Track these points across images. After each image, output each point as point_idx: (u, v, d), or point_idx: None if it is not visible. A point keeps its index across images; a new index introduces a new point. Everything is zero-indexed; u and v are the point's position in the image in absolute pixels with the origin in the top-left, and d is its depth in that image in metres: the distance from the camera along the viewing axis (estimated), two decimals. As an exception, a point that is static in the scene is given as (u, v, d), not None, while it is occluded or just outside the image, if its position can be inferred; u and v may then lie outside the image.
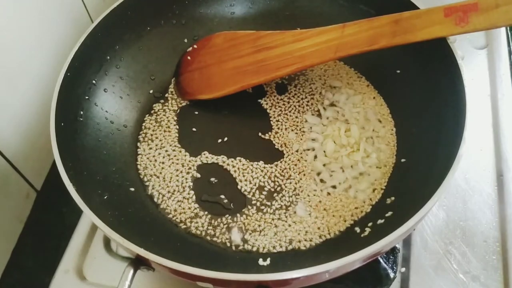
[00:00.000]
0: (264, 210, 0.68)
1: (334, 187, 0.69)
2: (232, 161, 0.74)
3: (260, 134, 0.77)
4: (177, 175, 0.73)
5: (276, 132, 0.77)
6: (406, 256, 0.68)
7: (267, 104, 0.80)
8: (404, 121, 0.74)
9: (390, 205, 0.64)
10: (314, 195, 0.69)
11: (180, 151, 0.75)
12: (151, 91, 0.82)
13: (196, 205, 0.70)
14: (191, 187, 0.72)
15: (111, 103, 0.76)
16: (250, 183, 0.71)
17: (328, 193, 0.69)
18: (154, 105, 0.81)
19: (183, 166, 0.74)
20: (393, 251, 0.66)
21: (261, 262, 0.62)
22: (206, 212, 0.69)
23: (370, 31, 0.66)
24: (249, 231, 0.66)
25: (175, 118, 0.80)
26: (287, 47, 0.72)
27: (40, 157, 0.79)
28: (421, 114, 0.71)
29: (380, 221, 0.62)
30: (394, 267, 0.66)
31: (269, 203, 0.69)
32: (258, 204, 0.69)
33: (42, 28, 0.76)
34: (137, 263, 0.55)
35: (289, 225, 0.66)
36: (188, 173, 0.73)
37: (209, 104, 0.80)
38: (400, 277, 0.67)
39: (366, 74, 0.81)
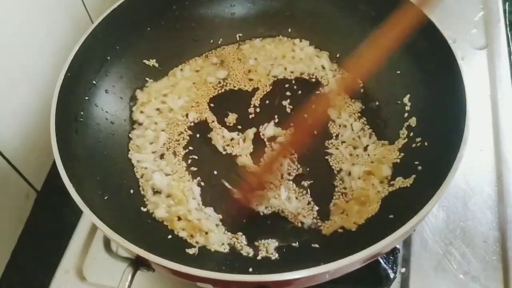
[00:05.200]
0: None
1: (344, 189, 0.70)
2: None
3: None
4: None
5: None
6: (406, 256, 0.68)
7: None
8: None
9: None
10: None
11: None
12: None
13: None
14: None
15: (112, 104, 0.76)
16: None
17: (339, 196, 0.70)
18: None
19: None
20: (393, 251, 0.66)
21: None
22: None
23: None
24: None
25: (175, 118, 0.80)
26: None
27: (40, 157, 0.79)
28: (421, 114, 0.71)
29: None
30: (394, 268, 0.65)
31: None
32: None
33: (42, 28, 0.76)
34: (137, 263, 0.55)
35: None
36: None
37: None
38: (400, 278, 0.67)
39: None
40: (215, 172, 0.73)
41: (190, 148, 0.76)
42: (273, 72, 0.84)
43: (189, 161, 0.74)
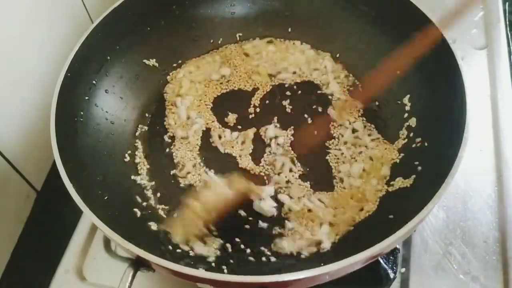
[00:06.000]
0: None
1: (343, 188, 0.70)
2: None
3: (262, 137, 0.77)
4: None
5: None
6: (406, 256, 0.68)
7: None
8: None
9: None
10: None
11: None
12: (152, 92, 0.82)
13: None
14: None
15: (112, 104, 0.75)
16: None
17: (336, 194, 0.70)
18: (155, 106, 0.81)
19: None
20: (393, 251, 0.66)
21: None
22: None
23: None
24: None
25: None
26: None
27: (40, 157, 0.79)
28: (421, 114, 0.71)
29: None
30: (394, 268, 0.65)
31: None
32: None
33: (42, 28, 0.76)
34: (137, 264, 0.55)
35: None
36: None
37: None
38: (400, 278, 0.67)
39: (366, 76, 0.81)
40: (215, 172, 0.73)
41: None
42: (275, 73, 0.84)
43: (189, 161, 0.74)
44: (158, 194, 0.71)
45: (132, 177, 0.72)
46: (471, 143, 0.57)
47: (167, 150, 0.76)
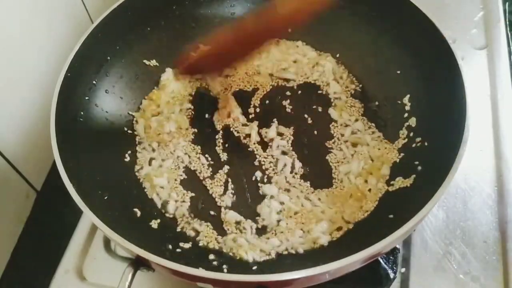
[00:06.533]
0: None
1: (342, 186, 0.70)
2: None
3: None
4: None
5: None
6: (406, 256, 0.68)
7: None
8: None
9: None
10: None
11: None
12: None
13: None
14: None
15: (112, 104, 0.76)
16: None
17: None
18: (154, 105, 0.81)
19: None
20: (393, 251, 0.66)
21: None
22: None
23: None
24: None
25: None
26: None
27: (40, 157, 0.79)
28: (421, 114, 0.71)
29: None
30: (394, 268, 0.65)
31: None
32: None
33: (42, 28, 0.76)
34: (137, 263, 0.55)
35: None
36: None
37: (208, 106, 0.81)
38: (400, 278, 0.67)
39: (366, 76, 0.81)
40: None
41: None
42: (276, 74, 0.84)
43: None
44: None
45: (132, 177, 0.72)
46: (471, 143, 0.57)
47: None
